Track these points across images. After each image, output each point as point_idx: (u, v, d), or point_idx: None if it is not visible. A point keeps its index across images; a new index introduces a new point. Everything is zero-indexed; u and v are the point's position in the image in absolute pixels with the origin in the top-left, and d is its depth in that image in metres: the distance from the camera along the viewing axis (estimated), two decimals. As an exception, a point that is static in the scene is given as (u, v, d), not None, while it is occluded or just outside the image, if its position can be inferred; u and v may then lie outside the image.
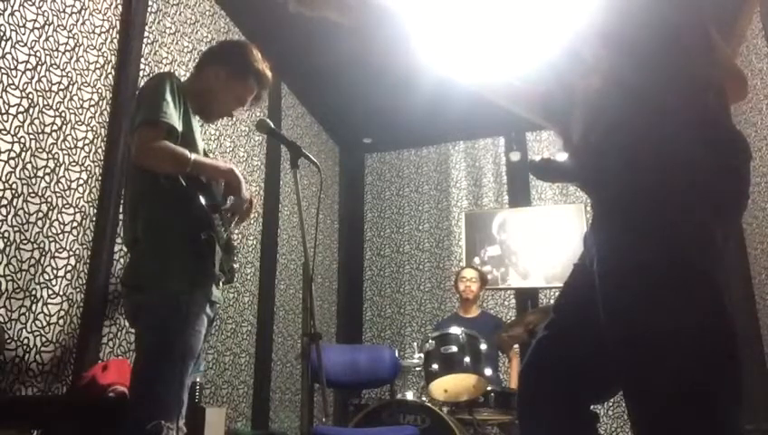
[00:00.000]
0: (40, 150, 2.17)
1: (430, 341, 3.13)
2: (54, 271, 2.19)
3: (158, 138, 1.71)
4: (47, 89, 2.23)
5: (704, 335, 0.95)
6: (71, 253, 2.27)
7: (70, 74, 2.35)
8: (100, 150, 2.48)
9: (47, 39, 2.25)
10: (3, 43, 2.06)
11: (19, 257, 2.04)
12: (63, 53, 2.33)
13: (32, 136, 2.14)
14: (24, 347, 2.04)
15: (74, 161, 2.33)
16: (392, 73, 3.79)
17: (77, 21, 2.41)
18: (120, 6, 2.68)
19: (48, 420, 1.94)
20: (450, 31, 1.42)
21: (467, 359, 2.94)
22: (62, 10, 2.33)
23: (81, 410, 2.03)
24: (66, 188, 2.28)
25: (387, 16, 1.27)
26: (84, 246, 2.35)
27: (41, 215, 2.15)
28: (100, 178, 2.46)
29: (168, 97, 1.75)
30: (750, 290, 3.50)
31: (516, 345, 3.69)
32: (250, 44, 2.07)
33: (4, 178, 2.01)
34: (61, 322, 2.20)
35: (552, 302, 4.40)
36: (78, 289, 2.29)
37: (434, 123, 4.80)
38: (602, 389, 1.23)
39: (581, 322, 1.14)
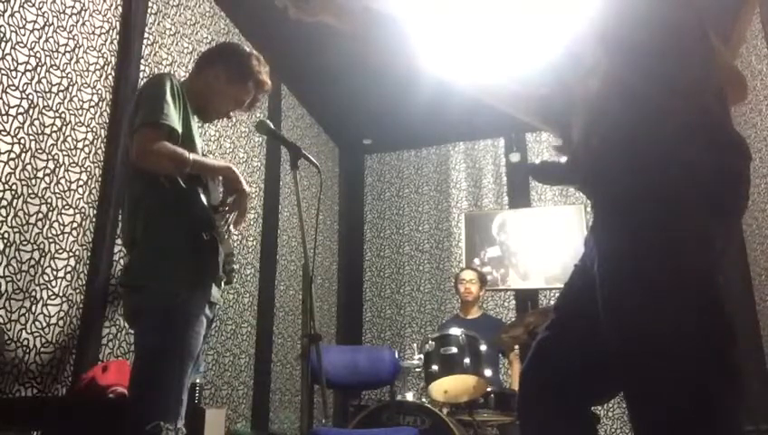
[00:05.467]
0: (40, 151, 2.17)
1: (430, 342, 3.13)
2: (54, 272, 2.19)
3: (158, 139, 1.71)
4: (47, 90, 2.23)
5: (703, 337, 0.95)
6: (70, 254, 2.27)
7: (70, 75, 2.35)
8: (99, 151, 2.48)
9: (47, 40, 2.25)
10: (3, 44, 2.06)
11: (19, 258, 2.04)
12: (63, 55, 2.33)
13: (32, 137, 2.14)
14: (24, 348, 2.04)
15: (74, 162, 2.33)
16: (392, 74, 3.79)
17: (77, 22, 2.41)
18: (119, 7, 2.68)
19: (48, 422, 1.94)
20: (450, 33, 1.42)
21: (467, 360, 2.94)
22: (61, 11, 2.34)
23: (81, 411, 2.03)
24: (66, 189, 2.28)
25: (386, 20, 1.28)
26: (84, 248, 2.35)
27: (41, 216, 2.15)
28: (99, 179, 2.46)
29: (169, 98, 1.75)
30: (750, 291, 3.50)
31: (516, 347, 3.69)
32: (251, 51, 2.07)
33: (4, 180, 2.01)
34: (60, 323, 2.20)
35: (551, 303, 4.40)
36: (78, 290, 2.29)
37: (434, 124, 4.80)
38: (603, 390, 1.23)
39: (582, 323, 1.14)
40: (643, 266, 0.99)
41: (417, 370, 3.42)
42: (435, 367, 2.98)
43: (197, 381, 2.47)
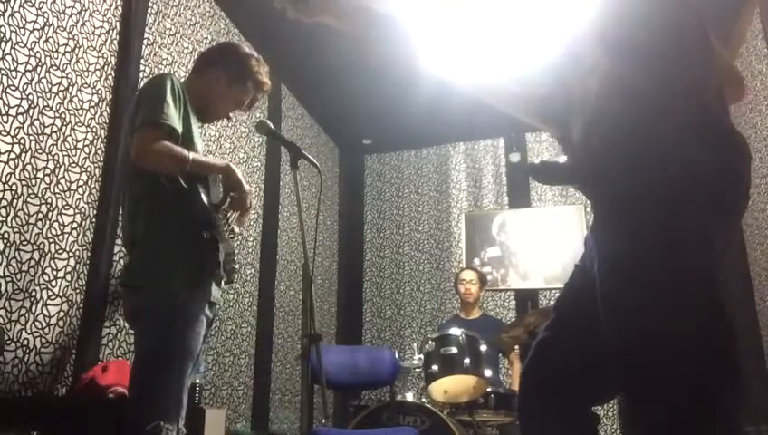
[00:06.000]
0: (40, 152, 2.17)
1: (430, 342, 3.13)
2: (54, 272, 2.19)
3: (158, 139, 1.71)
4: (47, 90, 2.23)
5: (703, 336, 0.95)
6: (70, 254, 2.27)
7: (70, 75, 2.35)
8: (99, 152, 2.48)
9: (47, 40, 2.25)
10: (3, 44, 2.06)
11: (19, 259, 2.04)
12: (63, 55, 2.33)
13: (32, 137, 2.14)
14: (24, 348, 2.04)
15: (74, 162, 2.33)
16: (392, 74, 3.79)
17: (77, 22, 2.41)
18: (119, 8, 2.68)
19: (48, 422, 1.94)
20: (449, 33, 1.42)
21: (467, 360, 2.94)
22: (61, 11, 2.34)
23: (81, 411, 2.03)
24: (66, 189, 2.28)
25: (386, 20, 1.28)
26: (84, 248, 2.35)
27: (41, 216, 2.15)
28: (99, 179, 2.46)
29: (169, 98, 1.75)
30: (750, 291, 3.50)
31: (516, 347, 3.69)
32: (251, 52, 2.07)
33: (4, 180, 2.01)
34: (60, 323, 2.20)
35: (551, 303, 4.40)
36: (78, 290, 2.29)
37: (434, 124, 4.80)
38: (603, 390, 1.23)
39: (582, 323, 1.14)
40: (643, 266, 0.99)
41: (417, 370, 3.42)
42: (435, 367, 2.98)
43: (197, 381, 2.47)
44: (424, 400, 3.17)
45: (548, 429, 1.22)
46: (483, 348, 3.06)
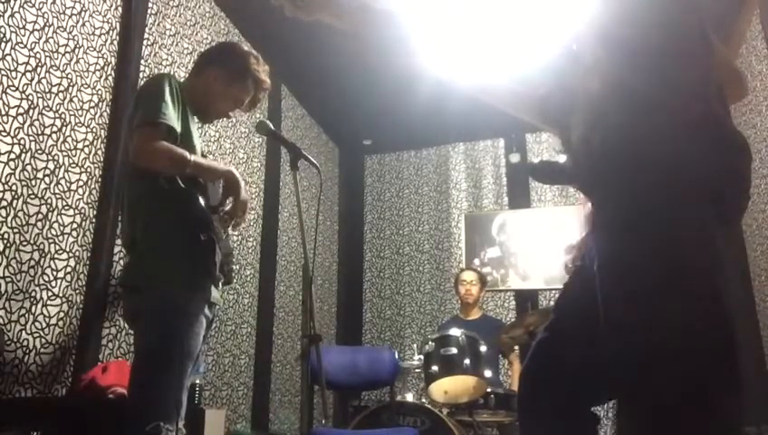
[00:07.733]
0: (40, 152, 2.17)
1: (430, 342, 3.13)
2: (54, 273, 2.19)
3: (156, 138, 1.71)
4: (47, 90, 2.23)
5: (703, 337, 0.95)
6: (70, 254, 2.27)
7: (70, 76, 2.35)
8: (99, 152, 2.48)
9: (47, 41, 2.25)
10: (3, 44, 2.06)
11: (19, 259, 2.04)
12: (63, 55, 2.33)
13: (31, 138, 2.14)
14: (24, 349, 2.04)
15: (74, 163, 2.33)
16: (392, 75, 3.79)
17: (77, 23, 2.41)
18: (119, 8, 2.68)
19: (48, 422, 1.94)
20: (449, 32, 1.42)
21: (467, 360, 2.94)
22: (61, 12, 2.34)
23: (81, 411, 2.02)
24: (66, 189, 2.28)
25: (385, 19, 1.28)
26: (84, 248, 2.35)
27: (40, 216, 2.15)
28: (99, 179, 2.46)
29: (168, 98, 1.75)
30: (750, 291, 3.50)
31: (516, 348, 3.69)
32: (249, 51, 2.07)
33: (3, 180, 2.01)
34: (60, 323, 2.20)
35: (551, 303, 4.40)
36: (77, 291, 2.29)
37: (434, 125, 4.80)
38: (603, 390, 1.23)
39: (582, 323, 1.14)
40: (643, 266, 0.99)
41: (417, 370, 3.42)
42: (435, 368, 2.98)
43: (197, 381, 2.47)
44: (424, 400, 3.17)
45: (548, 429, 1.22)
46: (483, 349, 3.06)
